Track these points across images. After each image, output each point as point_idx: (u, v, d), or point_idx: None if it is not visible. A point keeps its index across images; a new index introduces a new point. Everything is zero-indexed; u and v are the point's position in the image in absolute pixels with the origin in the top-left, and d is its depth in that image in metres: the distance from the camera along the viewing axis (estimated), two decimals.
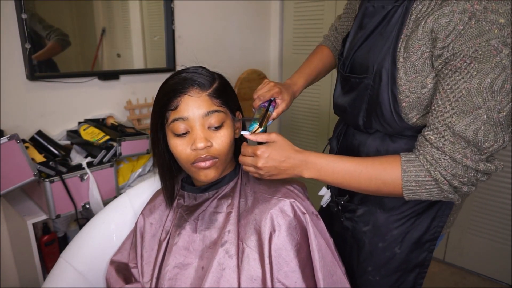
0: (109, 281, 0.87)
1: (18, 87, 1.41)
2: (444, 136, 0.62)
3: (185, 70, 0.79)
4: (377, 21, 0.73)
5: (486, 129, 0.59)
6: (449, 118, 0.61)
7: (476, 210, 1.91)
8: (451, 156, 0.62)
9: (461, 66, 0.58)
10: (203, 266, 0.76)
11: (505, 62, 0.55)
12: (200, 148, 0.73)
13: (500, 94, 0.57)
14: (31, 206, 1.33)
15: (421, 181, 0.65)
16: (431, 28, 0.61)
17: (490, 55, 0.56)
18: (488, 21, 0.55)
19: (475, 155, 0.61)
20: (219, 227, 0.78)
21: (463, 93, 0.59)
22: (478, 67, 0.57)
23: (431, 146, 0.64)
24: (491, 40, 0.55)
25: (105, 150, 1.34)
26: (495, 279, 1.93)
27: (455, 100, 0.60)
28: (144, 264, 0.84)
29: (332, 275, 0.73)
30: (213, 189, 0.84)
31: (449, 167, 0.63)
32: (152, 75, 1.83)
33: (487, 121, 0.58)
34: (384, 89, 0.70)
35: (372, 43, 0.74)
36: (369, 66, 0.73)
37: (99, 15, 1.67)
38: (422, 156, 0.65)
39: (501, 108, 0.57)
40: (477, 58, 0.56)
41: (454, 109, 0.60)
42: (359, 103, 0.77)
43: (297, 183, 0.84)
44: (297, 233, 0.74)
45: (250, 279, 0.71)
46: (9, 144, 1.10)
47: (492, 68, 0.56)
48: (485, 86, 0.57)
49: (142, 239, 0.87)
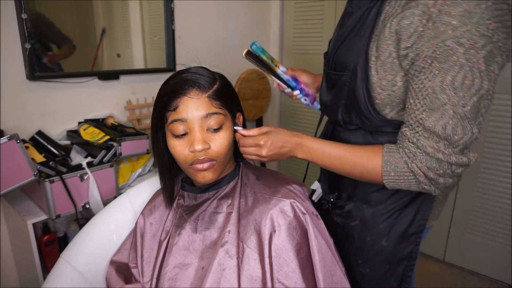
0: (109, 281, 0.87)
1: (18, 87, 1.41)
2: (418, 132, 0.67)
3: (186, 70, 0.79)
4: (355, 21, 0.77)
5: (453, 123, 0.63)
6: (420, 115, 0.66)
7: (476, 210, 1.91)
8: (424, 150, 0.67)
9: (425, 66, 0.63)
10: (203, 266, 0.76)
11: (461, 60, 0.59)
12: (198, 150, 0.73)
13: (462, 90, 0.61)
14: (31, 206, 1.33)
15: (399, 171, 0.70)
16: (395, 29, 0.65)
17: (447, 54, 0.60)
18: (442, 23, 0.58)
19: (448, 149, 0.66)
20: (219, 227, 0.78)
21: (429, 91, 0.63)
22: (438, 66, 0.61)
23: (407, 140, 0.69)
24: (446, 41, 0.59)
25: (105, 150, 1.34)
26: (495, 279, 1.93)
27: (423, 98, 0.64)
28: (144, 264, 0.84)
29: (332, 275, 0.73)
30: (213, 189, 0.84)
31: (424, 160, 0.67)
32: (152, 75, 1.83)
33: (453, 116, 0.63)
34: (359, 86, 0.75)
35: (350, 42, 0.78)
36: (347, 64, 0.77)
37: (99, 15, 1.67)
38: (401, 149, 0.70)
39: (465, 103, 0.62)
40: (437, 58, 0.61)
41: (423, 106, 0.65)
42: (338, 98, 0.82)
43: (297, 183, 0.84)
44: (297, 233, 0.74)
45: (250, 279, 0.71)
46: (9, 144, 1.10)
47: (450, 66, 0.60)
48: (447, 83, 0.61)
49: (142, 239, 0.87)
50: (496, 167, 1.82)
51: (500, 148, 1.79)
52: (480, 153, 1.85)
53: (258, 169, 0.89)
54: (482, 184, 1.87)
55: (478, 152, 1.85)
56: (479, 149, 1.84)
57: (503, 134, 1.77)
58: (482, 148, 1.83)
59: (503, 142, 1.78)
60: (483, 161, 1.84)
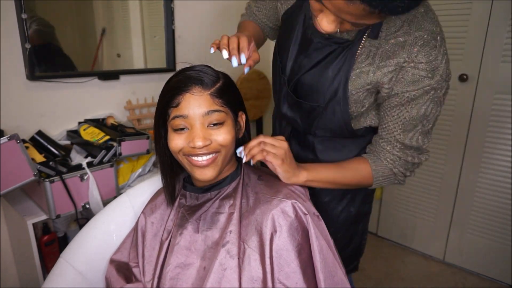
0: (110, 280, 0.87)
1: (18, 87, 1.41)
2: (396, 146, 0.88)
3: (190, 68, 0.79)
4: (323, 55, 0.89)
5: (422, 137, 0.87)
6: (398, 136, 0.87)
7: (476, 210, 1.91)
8: (404, 159, 0.89)
9: (403, 103, 0.83)
10: (205, 266, 0.76)
11: (432, 98, 0.81)
12: (198, 146, 0.73)
13: (429, 116, 0.84)
14: (31, 206, 1.33)
15: (386, 175, 0.91)
16: (379, 80, 0.83)
17: (423, 94, 0.81)
18: (420, 76, 0.79)
19: (417, 154, 0.89)
20: (221, 227, 0.78)
21: (407, 119, 0.84)
22: (415, 102, 0.82)
23: (388, 153, 0.89)
24: (424, 87, 0.80)
25: (105, 150, 1.34)
26: (495, 279, 1.93)
27: (402, 124, 0.85)
28: (146, 263, 0.84)
29: (333, 276, 0.73)
30: (215, 190, 0.84)
31: (403, 165, 0.90)
32: (152, 75, 1.83)
33: (421, 132, 0.86)
34: (338, 116, 0.91)
35: (318, 73, 0.90)
36: (319, 95, 0.90)
37: (99, 15, 1.66)
38: (383, 158, 0.90)
39: (429, 123, 0.85)
40: (415, 99, 0.81)
41: (401, 128, 0.86)
42: (311, 120, 0.96)
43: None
44: (298, 233, 0.74)
45: (250, 280, 0.71)
46: (9, 144, 1.10)
47: (424, 102, 0.82)
48: (421, 114, 0.83)
49: (144, 238, 0.87)
50: (496, 167, 1.82)
51: (500, 148, 1.79)
52: (480, 153, 1.85)
53: (259, 169, 0.89)
54: (482, 184, 1.87)
55: (478, 152, 1.85)
56: (479, 149, 1.84)
57: (503, 134, 1.77)
58: (482, 148, 1.83)
59: (503, 142, 1.78)
60: (483, 161, 1.84)
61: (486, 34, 1.73)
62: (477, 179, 1.88)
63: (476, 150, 1.85)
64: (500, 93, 1.74)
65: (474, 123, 1.84)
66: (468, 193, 1.92)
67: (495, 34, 1.71)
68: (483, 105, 1.80)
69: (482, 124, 1.82)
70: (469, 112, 1.85)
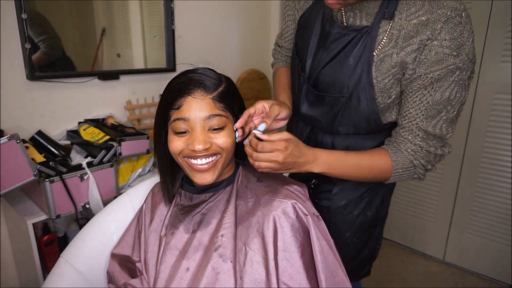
0: (112, 274, 0.87)
1: (18, 87, 1.41)
2: (418, 135, 0.83)
3: (193, 70, 0.79)
4: (342, 45, 0.87)
5: (446, 125, 0.82)
6: (420, 122, 0.82)
7: (476, 210, 1.91)
8: (427, 149, 0.83)
9: (426, 85, 0.79)
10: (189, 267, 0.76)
11: (457, 80, 0.77)
12: (197, 150, 0.73)
13: (454, 100, 0.80)
14: (31, 206, 1.33)
15: (405, 168, 0.85)
16: (403, 60, 0.80)
17: (448, 76, 0.77)
18: (444, 54, 0.76)
19: (439, 144, 0.84)
20: (212, 231, 0.78)
21: (430, 103, 0.80)
22: (439, 84, 0.78)
23: (410, 142, 0.84)
24: (449, 66, 0.76)
25: (105, 150, 1.34)
26: (495, 279, 1.93)
27: (424, 109, 0.81)
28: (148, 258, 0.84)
29: (334, 277, 0.73)
30: (210, 192, 0.84)
31: (425, 157, 0.84)
32: (152, 75, 1.83)
33: (446, 120, 0.81)
34: (364, 105, 0.86)
35: (339, 64, 0.87)
36: (341, 86, 0.87)
37: (99, 15, 1.67)
38: (404, 149, 0.85)
39: (454, 109, 0.81)
40: (440, 79, 0.77)
41: (424, 115, 0.81)
42: (334, 115, 0.92)
43: (297, 184, 0.84)
44: (299, 234, 0.74)
45: (253, 282, 0.71)
46: (9, 144, 1.10)
47: (449, 84, 0.78)
48: (445, 97, 0.79)
49: (145, 233, 0.87)
50: (496, 167, 1.82)
51: (500, 148, 1.79)
52: (480, 153, 1.85)
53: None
54: (482, 184, 1.87)
55: (478, 152, 1.85)
56: (479, 149, 1.84)
57: (503, 134, 1.77)
58: (482, 148, 1.83)
59: (503, 142, 1.78)
60: (483, 161, 1.84)
61: (486, 34, 1.73)
62: (477, 179, 1.88)
63: (476, 150, 1.85)
64: (500, 93, 1.74)
65: (474, 123, 1.84)
66: (468, 193, 1.92)
67: (495, 34, 1.71)
68: (483, 105, 1.80)
69: (482, 124, 1.82)
70: (469, 112, 1.85)
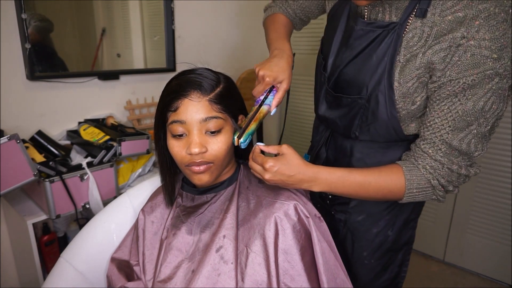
0: (111, 278, 0.87)
1: (18, 87, 1.41)
2: (441, 149, 0.72)
3: (191, 71, 0.78)
4: (366, 43, 0.79)
5: (476, 141, 0.70)
6: (445, 135, 0.70)
7: (476, 210, 1.91)
8: (449, 167, 0.72)
9: (458, 92, 0.67)
10: (194, 269, 0.76)
11: (495, 88, 0.66)
12: (194, 153, 0.73)
13: (489, 113, 0.68)
14: (31, 206, 1.33)
15: (421, 188, 0.74)
16: (429, 60, 0.69)
17: (484, 82, 0.65)
18: (482, 56, 0.64)
19: (464, 162, 0.72)
20: (214, 231, 0.78)
21: (459, 114, 0.68)
22: (473, 92, 0.66)
23: (429, 158, 0.73)
24: (486, 71, 0.64)
25: (105, 150, 1.34)
26: (495, 279, 1.93)
27: (452, 119, 0.69)
28: (146, 262, 0.84)
29: (336, 278, 0.73)
30: (212, 192, 0.84)
31: (446, 176, 0.73)
32: (152, 75, 1.83)
33: (476, 134, 0.69)
34: (382, 110, 0.78)
35: (361, 63, 0.80)
36: (361, 87, 0.79)
37: (99, 15, 1.66)
38: (422, 166, 0.74)
39: (487, 123, 0.69)
40: (474, 86, 0.66)
41: (450, 126, 0.70)
42: (351, 118, 0.84)
43: None
44: (301, 236, 0.74)
45: (255, 284, 0.71)
46: (9, 144, 1.10)
47: (485, 93, 0.66)
48: (478, 108, 0.67)
49: (144, 237, 0.87)
50: (496, 167, 1.82)
51: (500, 148, 1.79)
52: None
53: None
54: (482, 184, 1.87)
55: None
56: None
57: (503, 134, 1.77)
58: None
59: (503, 142, 1.78)
60: (483, 161, 1.84)
61: None
62: (477, 179, 1.88)
63: None
64: None
65: None
66: (468, 193, 1.92)
67: None
68: None
69: None
70: None
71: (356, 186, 0.76)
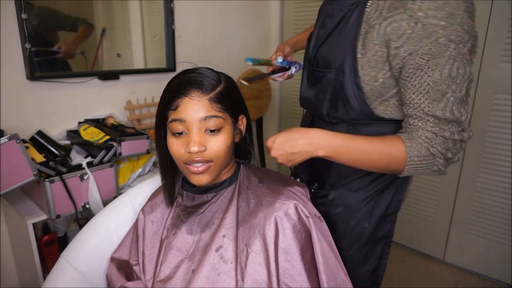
0: (110, 278, 0.87)
1: (18, 87, 1.41)
2: (429, 120, 0.74)
3: (192, 70, 0.78)
4: (336, 21, 0.84)
5: (456, 107, 0.73)
6: (427, 108, 0.73)
7: (476, 210, 1.91)
8: (442, 135, 0.74)
9: (422, 64, 0.71)
10: (194, 269, 0.76)
11: (454, 54, 0.69)
12: (193, 151, 0.73)
13: (458, 78, 0.71)
14: (31, 206, 1.33)
15: (422, 156, 0.75)
16: (384, 31, 0.74)
17: (441, 50, 0.69)
18: (432, 25, 0.68)
19: (456, 129, 0.75)
20: (214, 231, 0.78)
21: (431, 85, 0.72)
22: (435, 62, 0.70)
23: (422, 129, 0.75)
24: (439, 39, 0.68)
25: (105, 150, 1.34)
26: (495, 279, 1.93)
27: (426, 92, 0.73)
28: (146, 262, 0.84)
29: (336, 278, 0.73)
30: (212, 192, 0.84)
31: (442, 143, 0.75)
32: (152, 75, 1.83)
33: (454, 101, 0.72)
34: (348, 82, 0.82)
35: (333, 41, 0.85)
36: (331, 62, 0.84)
37: (99, 15, 1.66)
38: (417, 136, 0.75)
39: (461, 88, 0.72)
40: (434, 55, 0.70)
41: (428, 99, 0.73)
42: (323, 94, 0.88)
43: (299, 184, 0.83)
44: (301, 236, 0.74)
45: (255, 283, 0.71)
46: (9, 144, 1.10)
47: (446, 60, 0.70)
48: (445, 75, 0.70)
49: (144, 237, 0.87)
50: (496, 167, 1.82)
51: (500, 148, 1.79)
52: (480, 153, 1.85)
53: (260, 170, 0.89)
54: (482, 184, 1.87)
55: (478, 152, 1.85)
56: (479, 149, 1.84)
57: (503, 134, 1.77)
58: (482, 148, 1.83)
59: (503, 142, 1.78)
60: (483, 161, 1.84)
61: (486, 34, 1.73)
62: (477, 179, 1.88)
63: (476, 150, 1.85)
64: (500, 93, 1.74)
65: (474, 123, 1.84)
66: (468, 193, 1.92)
67: (495, 34, 1.71)
68: (483, 105, 1.80)
69: (482, 124, 1.82)
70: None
71: (361, 151, 0.77)
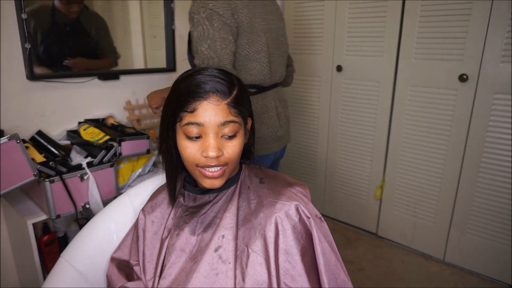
0: (111, 278, 0.87)
1: (18, 87, 1.41)
2: None
3: (204, 70, 0.76)
4: None
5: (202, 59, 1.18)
6: None
7: (476, 210, 1.91)
8: None
9: None
10: (195, 268, 0.76)
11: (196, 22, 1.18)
12: (211, 157, 0.72)
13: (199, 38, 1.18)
14: (31, 206, 1.33)
15: None
16: None
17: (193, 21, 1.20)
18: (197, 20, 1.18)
19: None
20: (214, 231, 0.78)
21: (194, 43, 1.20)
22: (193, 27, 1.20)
23: None
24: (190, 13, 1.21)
25: (105, 150, 1.34)
26: (495, 279, 1.93)
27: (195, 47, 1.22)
28: (146, 262, 0.84)
29: (336, 279, 0.73)
30: (214, 192, 0.83)
31: None
32: (152, 75, 1.83)
33: None
34: None
35: None
36: None
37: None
38: None
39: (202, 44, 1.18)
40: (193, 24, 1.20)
41: None
42: None
43: (299, 185, 0.83)
44: (302, 237, 0.74)
45: (256, 284, 0.71)
46: (9, 144, 1.10)
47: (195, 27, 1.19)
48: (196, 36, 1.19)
49: (144, 237, 0.87)
50: (496, 167, 1.82)
51: (500, 148, 1.79)
52: (480, 153, 1.85)
53: (261, 171, 0.88)
54: (482, 184, 1.87)
55: (478, 152, 1.85)
56: (479, 149, 1.84)
57: (503, 134, 1.77)
58: (482, 148, 1.83)
59: (503, 142, 1.78)
60: (483, 161, 1.84)
61: (486, 34, 1.73)
62: (477, 179, 1.88)
63: (476, 150, 1.85)
64: (500, 93, 1.74)
65: (474, 123, 1.84)
66: (468, 193, 1.92)
67: (495, 34, 1.71)
68: (483, 105, 1.80)
69: (482, 124, 1.82)
70: (469, 112, 1.85)
71: None
